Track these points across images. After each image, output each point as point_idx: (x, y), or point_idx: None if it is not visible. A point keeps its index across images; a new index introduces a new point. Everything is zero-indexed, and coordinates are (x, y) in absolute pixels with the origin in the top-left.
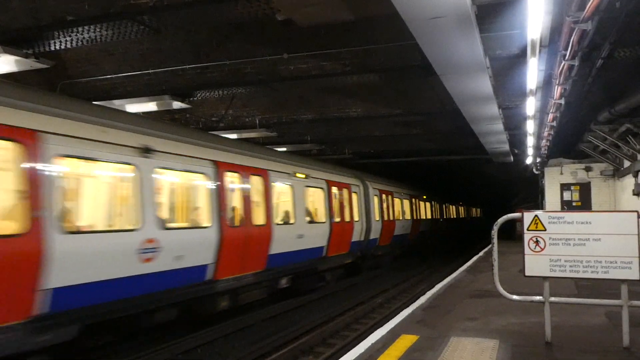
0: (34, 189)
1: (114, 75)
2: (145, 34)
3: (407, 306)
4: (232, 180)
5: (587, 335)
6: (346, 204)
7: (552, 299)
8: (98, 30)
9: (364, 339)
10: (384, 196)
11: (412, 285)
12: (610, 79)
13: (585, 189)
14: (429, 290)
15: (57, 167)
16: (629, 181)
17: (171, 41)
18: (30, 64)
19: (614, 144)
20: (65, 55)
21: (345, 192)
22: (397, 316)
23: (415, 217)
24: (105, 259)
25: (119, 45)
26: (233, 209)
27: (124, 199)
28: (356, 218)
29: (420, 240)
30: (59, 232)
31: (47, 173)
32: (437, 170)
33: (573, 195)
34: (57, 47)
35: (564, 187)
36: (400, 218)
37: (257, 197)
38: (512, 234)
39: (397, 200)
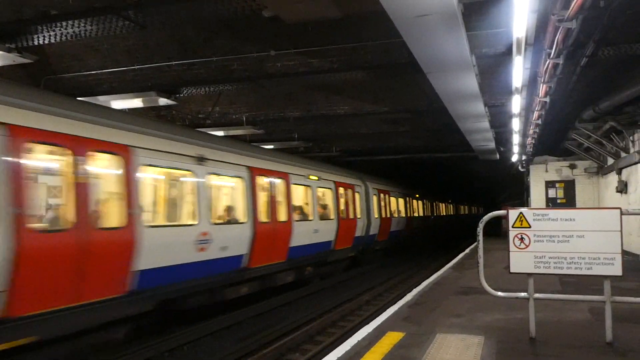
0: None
1: (99, 71)
2: (131, 30)
3: (394, 303)
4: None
5: (571, 331)
6: None
7: (537, 295)
8: (82, 25)
9: (351, 336)
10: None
11: (399, 282)
12: (595, 77)
13: (569, 186)
14: (415, 287)
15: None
16: (613, 178)
17: (157, 37)
18: (13, 58)
19: (597, 142)
20: (49, 50)
21: None
22: (384, 313)
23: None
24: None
25: (104, 41)
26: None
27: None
28: None
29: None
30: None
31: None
32: (425, 167)
33: (558, 193)
34: (41, 42)
35: (549, 184)
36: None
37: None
38: (498, 231)
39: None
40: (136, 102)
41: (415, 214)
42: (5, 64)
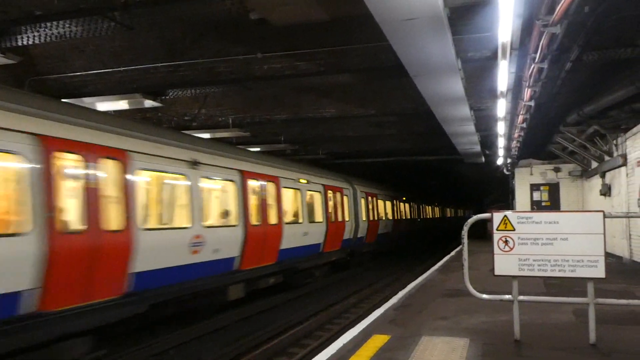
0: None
1: (84, 73)
2: (117, 31)
3: (380, 306)
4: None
5: (555, 333)
6: None
7: (521, 297)
8: (67, 26)
9: (337, 339)
10: None
11: (385, 285)
12: (579, 81)
13: (554, 189)
14: (402, 290)
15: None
16: (597, 181)
17: (144, 38)
18: None
19: (582, 146)
20: (34, 51)
21: None
22: (370, 316)
23: None
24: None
25: (90, 42)
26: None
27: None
28: None
29: None
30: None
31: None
32: (417, 170)
33: (542, 196)
34: (25, 43)
35: (534, 187)
36: None
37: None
38: (483, 234)
39: None
40: (121, 104)
41: (436, 216)
42: None
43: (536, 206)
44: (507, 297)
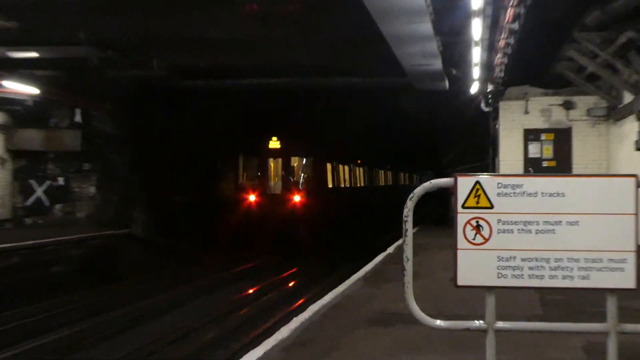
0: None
1: None
2: None
3: (258, 344)
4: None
5: None
6: None
7: (500, 324)
8: None
9: None
10: None
11: (272, 305)
12: None
13: (563, 139)
14: (298, 314)
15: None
16: (631, 126)
17: None
18: None
19: (608, 65)
20: None
21: None
22: None
23: None
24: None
25: None
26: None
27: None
28: None
29: None
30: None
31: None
32: (326, 102)
33: (544, 150)
34: None
35: (530, 135)
36: None
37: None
38: (446, 216)
39: None
40: None
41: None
42: None
43: (533, 167)
44: (478, 323)
